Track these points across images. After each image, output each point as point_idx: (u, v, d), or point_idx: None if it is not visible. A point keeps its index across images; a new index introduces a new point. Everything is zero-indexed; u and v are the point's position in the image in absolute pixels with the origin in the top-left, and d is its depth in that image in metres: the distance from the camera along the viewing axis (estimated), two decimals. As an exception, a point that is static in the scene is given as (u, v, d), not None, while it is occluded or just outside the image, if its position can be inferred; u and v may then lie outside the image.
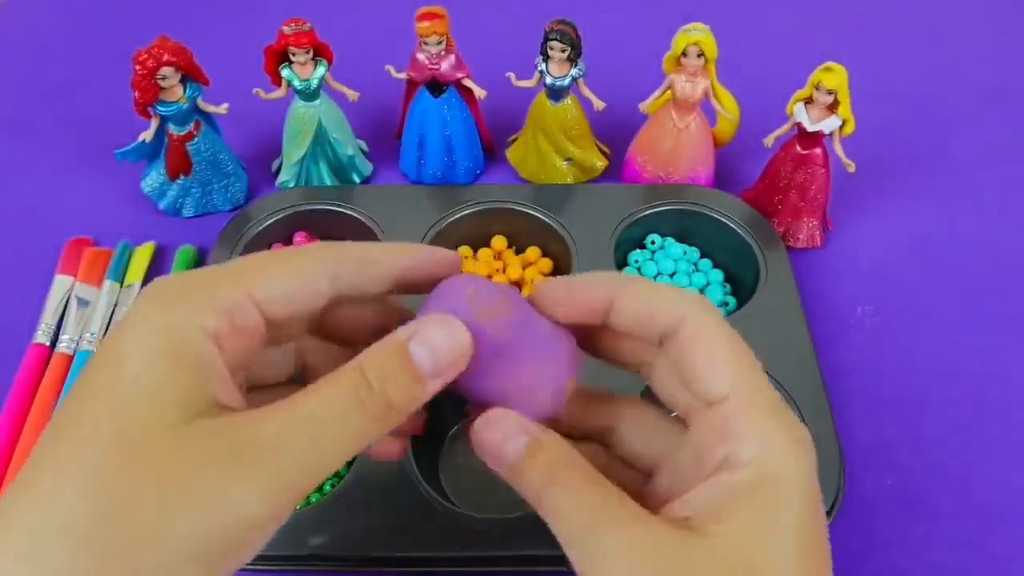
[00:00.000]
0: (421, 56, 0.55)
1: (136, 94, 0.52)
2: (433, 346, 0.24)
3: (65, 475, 0.20)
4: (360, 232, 0.55)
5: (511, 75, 0.57)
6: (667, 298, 0.26)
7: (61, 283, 0.53)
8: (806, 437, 0.24)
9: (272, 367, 0.28)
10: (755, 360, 0.25)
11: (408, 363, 0.23)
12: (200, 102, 0.55)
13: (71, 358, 0.50)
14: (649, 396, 0.29)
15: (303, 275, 0.25)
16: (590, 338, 0.28)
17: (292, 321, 0.25)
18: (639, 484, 0.27)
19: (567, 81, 0.55)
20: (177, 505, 0.20)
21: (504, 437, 0.25)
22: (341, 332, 0.28)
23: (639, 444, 0.28)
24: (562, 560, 0.24)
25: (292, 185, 0.59)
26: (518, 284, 0.54)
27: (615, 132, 0.62)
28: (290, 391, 0.23)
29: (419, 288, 0.27)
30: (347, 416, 0.22)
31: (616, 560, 0.22)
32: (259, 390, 0.27)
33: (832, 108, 0.51)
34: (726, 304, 0.53)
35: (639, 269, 0.54)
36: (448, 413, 0.48)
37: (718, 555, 0.22)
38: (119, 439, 0.20)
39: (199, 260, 0.56)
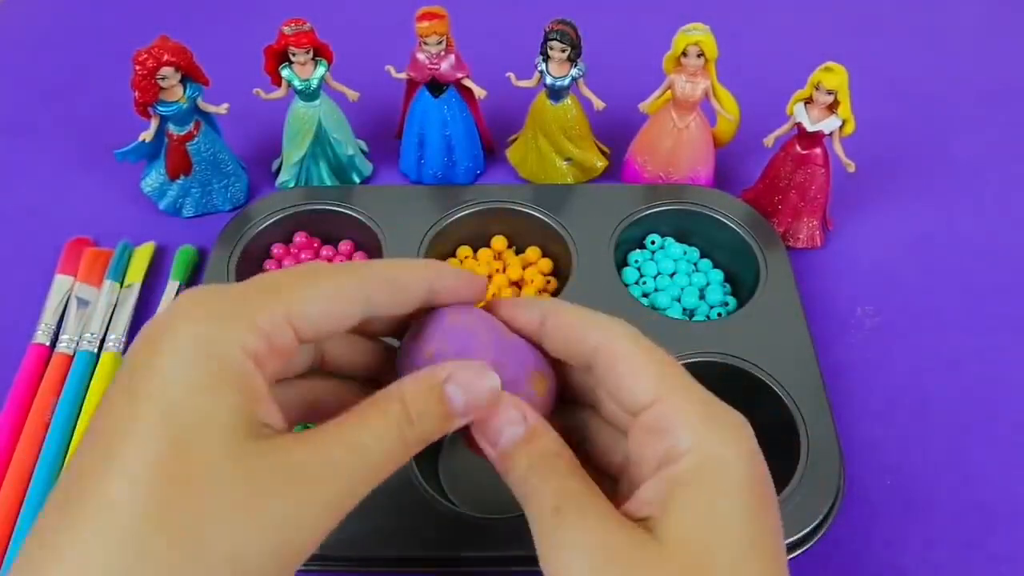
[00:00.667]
0: (421, 56, 0.55)
1: (136, 94, 0.52)
2: (467, 390, 0.25)
3: (112, 499, 0.20)
4: (360, 232, 0.55)
5: (511, 75, 0.57)
6: (584, 325, 0.27)
7: (61, 283, 0.53)
8: (742, 421, 0.25)
9: (294, 368, 0.28)
10: (679, 367, 0.27)
11: (444, 402, 0.25)
12: (200, 102, 0.55)
13: (71, 358, 0.50)
14: None
15: (342, 298, 0.25)
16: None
17: (328, 336, 0.26)
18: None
19: (567, 81, 0.55)
20: (240, 531, 0.20)
21: (505, 421, 0.26)
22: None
23: (603, 445, 0.29)
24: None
25: (292, 185, 0.59)
26: (518, 284, 0.54)
27: (615, 132, 0.62)
28: (310, 384, 0.25)
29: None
30: (392, 446, 0.24)
31: (571, 548, 0.23)
32: (279, 384, 0.28)
33: (832, 108, 0.51)
34: (726, 304, 0.53)
35: (639, 269, 0.54)
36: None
37: (666, 551, 0.22)
38: (176, 469, 0.20)
39: (199, 260, 0.56)
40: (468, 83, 0.57)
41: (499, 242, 0.56)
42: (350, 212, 0.55)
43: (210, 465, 0.21)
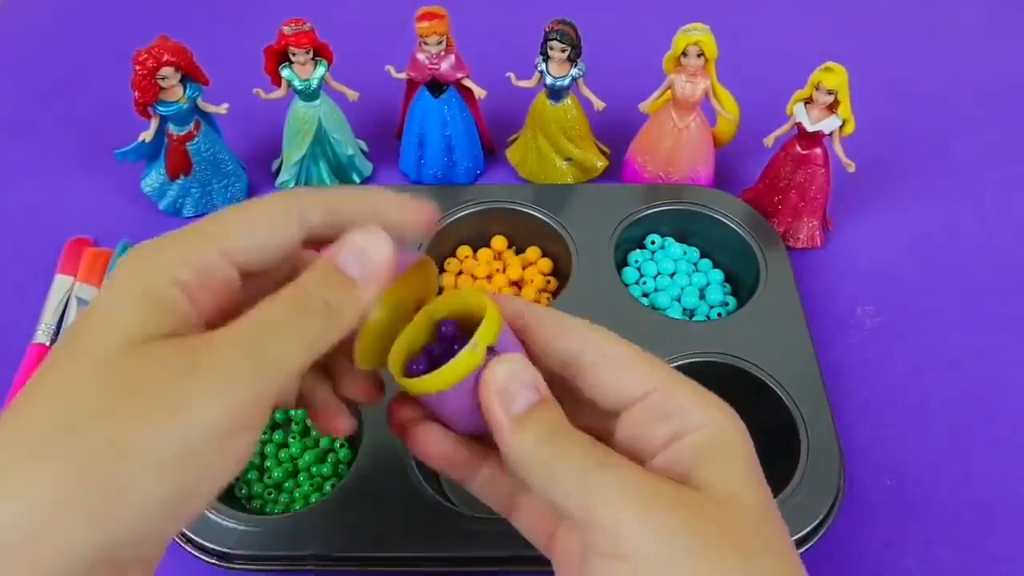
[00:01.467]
0: (421, 56, 0.55)
1: (136, 94, 0.52)
2: (358, 251, 0.26)
3: (39, 398, 0.22)
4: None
5: (511, 75, 0.57)
6: (570, 327, 0.28)
7: (61, 283, 0.53)
8: (724, 404, 0.27)
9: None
10: (665, 363, 0.27)
11: (338, 270, 0.25)
12: (200, 102, 0.55)
13: (71, 358, 0.50)
14: None
15: (269, 223, 0.25)
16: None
17: (272, 263, 0.26)
18: None
19: (567, 81, 0.55)
20: (135, 417, 0.21)
21: (517, 384, 0.25)
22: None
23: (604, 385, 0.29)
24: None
25: (292, 185, 0.59)
26: (518, 284, 0.54)
27: (615, 132, 0.62)
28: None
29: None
30: (290, 319, 0.24)
31: (617, 497, 0.23)
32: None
33: (832, 108, 0.51)
34: (726, 304, 0.53)
35: (639, 269, 0.54)
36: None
37: (702, 495, 0.24)
38: (84, 360, 0.22)
39: (199, 260, 0.56)
40: (468, 83, 0.57)
41: (499, 242, 0.56)
42: (350, 212, 0.55)
43: (111, 358, 0.22)
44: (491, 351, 0.26)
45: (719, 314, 0.52)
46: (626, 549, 0.23)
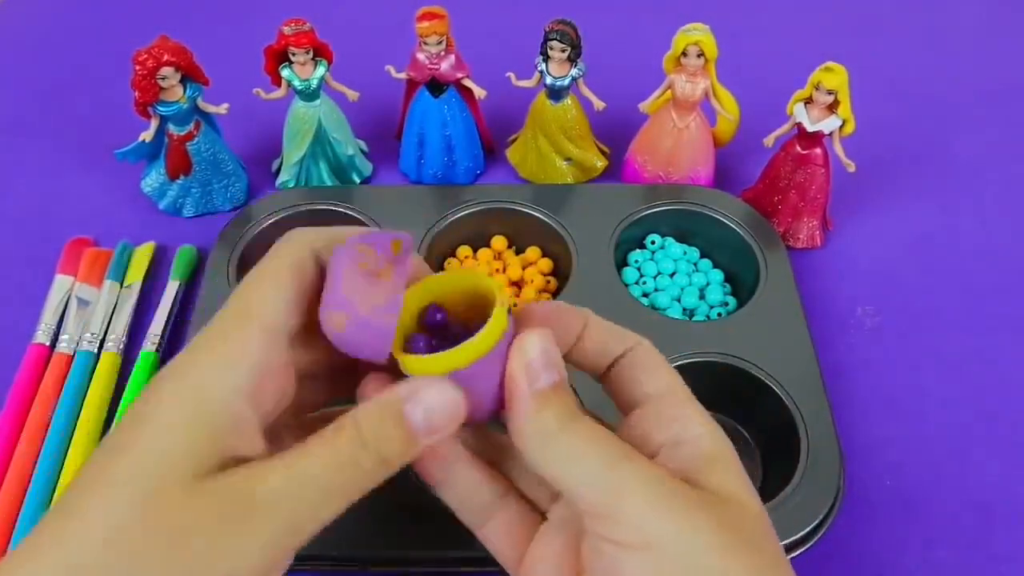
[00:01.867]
0: (421, 56, 0.55)
1: (136, 94, 0.52)
2: (427, 408, 0.25)
3: (89, 522, 0.22)
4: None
5: (511, 75, 0.57)
6: (619, 333, 0.29)
7: (61, 283, 0.53)
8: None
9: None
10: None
11: (402, 424, 0.24)
12: (200, 102, 0.55)
13: (71, 358, 0.50)
14: None
15: (290, 277, 0.26)
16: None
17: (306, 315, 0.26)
18: None
19: (567, 81, 0.55)
20: (179, 560, 0.22)
21: (547, 362, 0.25)
22: None
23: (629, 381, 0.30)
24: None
25: (292, 185, 0.59)
26: (518, 284, 0.54)
27: (615, 132, 0.62)
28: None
29: None
30: (341, 474, 0.24)
31: (643, 489, 0.24)
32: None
33: (832, 108, 0.51)
34: (726, 304, 0.53)
35: (639, 269, 0.54)
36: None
37: (708, 493, 0.25)
38: (135, 496, 0.22)
39: (199, 260, 0.56)
40: (468, 83, 0.57)
41: (499, 242, 0.56)
42: (350, 212, 0.55)
43: (162, 496, 0.22)
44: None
45: (719, 314, 0.52)
46: (650, 539, 0.23)
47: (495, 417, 0.27)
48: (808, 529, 0.40)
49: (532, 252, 0.55)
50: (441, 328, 0.27)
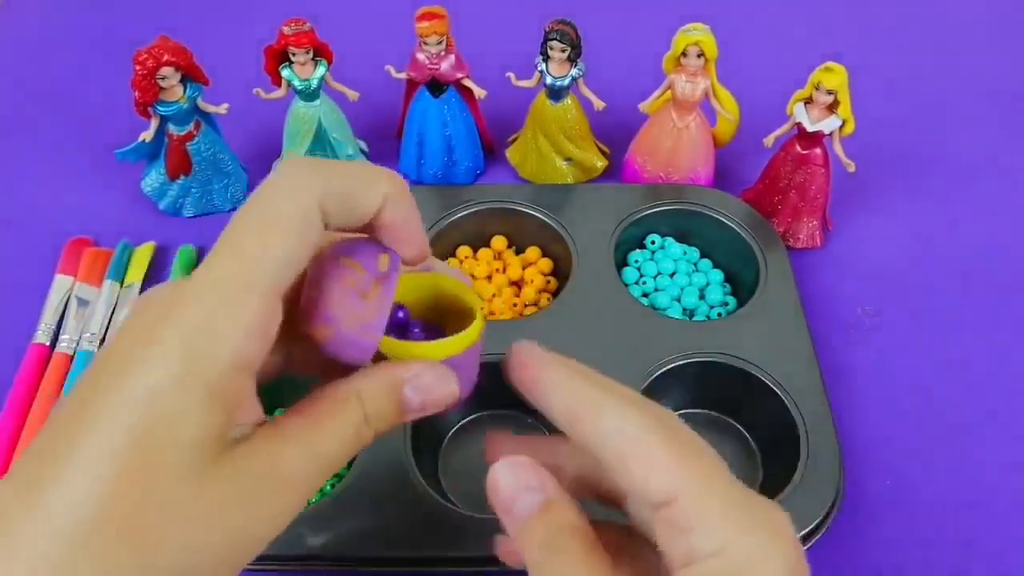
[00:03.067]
0: (421, 56, 0.55)
1: (136, 94, 0.52)
2: (425, 393, 0.26)
3: (76, 494, 0.20)
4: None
5: (511, 75, 0.57)
6: (596, 405, 0.24)
7: (61, 283, 0.53)
8: (781, 516, 0.23)
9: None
10: (707, 454, 0.24)
11: (400, 405, 0.26)
12: (200, 102, 0.55)
13: (71, 358, 0.50)
14: None
15: (297, 237, 0.23)
16: None
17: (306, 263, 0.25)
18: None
19: (567, 81, 0.55)
20: (192, 543, 0.21)
21: (520, 487, 0.25)
22: None
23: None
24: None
25: (292, 185, 0.59)
26: (518, 284, 0.54)
27: (615, 132, 0.62)
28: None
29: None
30: (347, 448, 0.25)
31: None
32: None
33: (832, 108, 0.51)
34: (726, 304, 0.53)
35: (639, 269, 0.54)
36: (448, 413, 0.48)
37: None
38: (138, 475, 0.20)
39: (199, 260, 0.56)
40: (468, 83, 0.57)
41: (499, 242, 0.56)
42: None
43: (170, 478, 0.21)
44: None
45: (719, 314, 0.52)
46: None
47: (465, 400, 0.28)
48: (808, 529, 0.40)
49: (532, 252, 0.55)
50: (402, 325, 0.28)
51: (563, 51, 0.53)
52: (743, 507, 0.22)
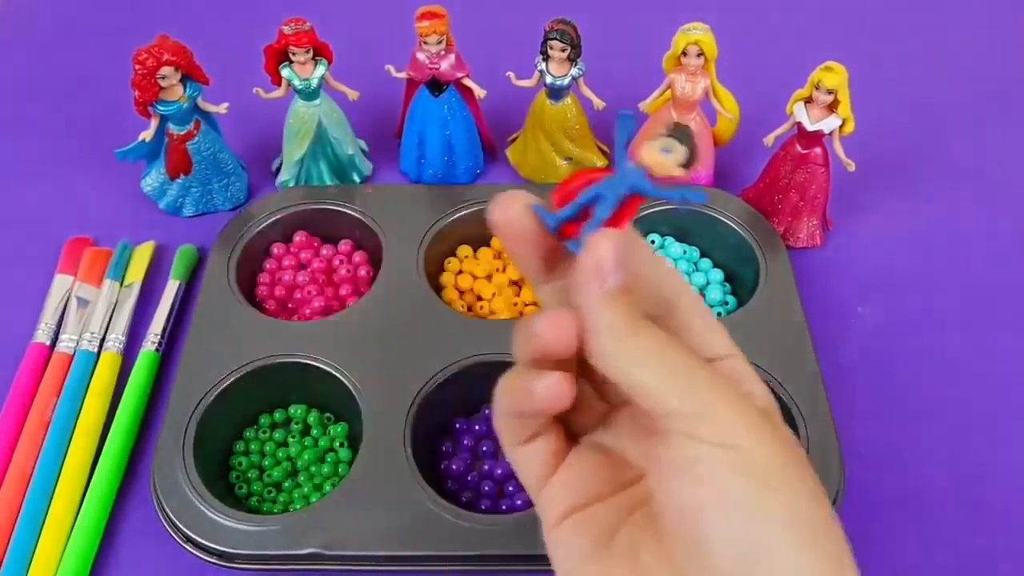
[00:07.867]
0: (421, 56, 0.55)
1: (136, 93, 0.52)
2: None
3: None
4: (360, 231, 0.55)
5: (511, 75, 0.57)
6: (669, 274, 0.29)
7: (61, 283, 0.53)
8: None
9: None
10: None
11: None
12: (200, 101, 0.55)
13: (71, 357, 0.50)
14: None
15: None
16: None
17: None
18: None
19: (567, 81, 0.55)
20: None
21: (619, 264, 0.25)
22: None
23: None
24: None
25: (292, 185, 0.59)
26: (518, 284, 0.54)
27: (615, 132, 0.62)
28: None
29: None
30: None
31: (727, 394, 0.24)
32: None
33: (832, 108, 0.51)
34: (726, 304, 0.53)
35: (639, 269, 0.54)
36: (448, 412, 0.48)
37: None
38: None
39: (199, 259, 0.56)
40: (468, 83, 0.57)
41: (499, 242, 0.56)
42: (350, 212, 0.55)
43: None
44: None
45: (719, 314, 0.52)
46: (738, 440, 0.23)
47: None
48: (808, 529, 0.40)
49: (532, 252, 0.55)
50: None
51: (563, 51, 0.53)
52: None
